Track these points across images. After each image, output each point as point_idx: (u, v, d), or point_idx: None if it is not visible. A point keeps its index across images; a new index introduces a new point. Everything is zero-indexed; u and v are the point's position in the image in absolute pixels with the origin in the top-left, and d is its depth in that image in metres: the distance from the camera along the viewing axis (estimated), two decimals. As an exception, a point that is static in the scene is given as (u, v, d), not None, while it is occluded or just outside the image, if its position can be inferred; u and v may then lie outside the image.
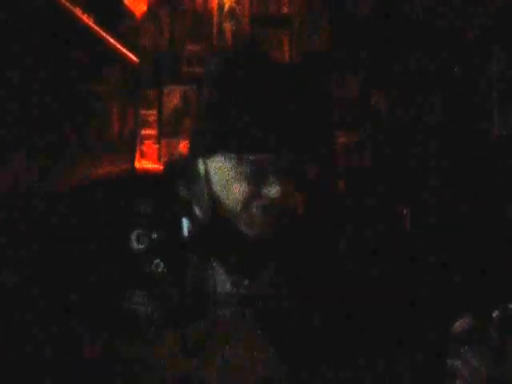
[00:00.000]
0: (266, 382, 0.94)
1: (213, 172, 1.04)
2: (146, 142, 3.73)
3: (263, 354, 0.96)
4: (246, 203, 1.01)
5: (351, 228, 1.25)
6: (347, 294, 1.09)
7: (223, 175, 1.02)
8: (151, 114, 3.74)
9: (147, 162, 3.70)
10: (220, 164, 1.02)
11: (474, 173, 3.18)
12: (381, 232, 2.94)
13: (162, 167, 1.20)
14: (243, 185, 1.00)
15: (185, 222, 1.06)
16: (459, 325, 0.94)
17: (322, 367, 0.94)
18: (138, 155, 3.70)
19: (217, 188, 1.04)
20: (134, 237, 1.03)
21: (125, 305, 1.02)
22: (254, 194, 1.00)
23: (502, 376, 0.90)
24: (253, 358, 0.95)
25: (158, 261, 1.02)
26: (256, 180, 0.99)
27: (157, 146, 3.72)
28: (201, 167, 1.06)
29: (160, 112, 3.74)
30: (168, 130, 3.73)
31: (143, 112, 3.73)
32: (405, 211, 3.24)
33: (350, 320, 1.06)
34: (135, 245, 1.03)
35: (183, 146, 3.60)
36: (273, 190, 0.98)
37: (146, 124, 3.73)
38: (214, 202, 1.05)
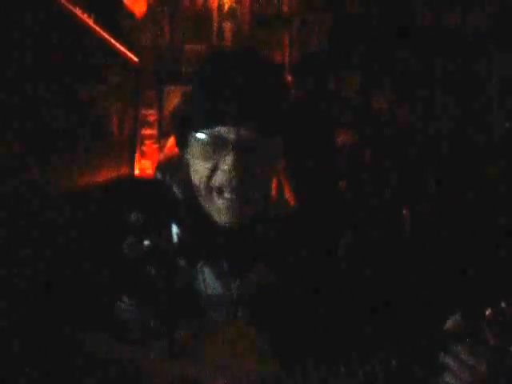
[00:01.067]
0: (258, 381, 0.94)
1: (190, 158, 1.08)
2: (146, 142, 3.74)
3: (255, 354, 0.96)
4: (208, 181, 1.04)
5: (343, 226, 1.26)
6: (337, 291, 1.10)
7: (195, 158, 1.06)
8: (151, 114, 3.75)
9: (147, 162, 3.70)
10: (193, 147, 1.06)
11: (475, 172, 3.18)
12: (377, 231, 2.95)
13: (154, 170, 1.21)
14: (205, 161, 1.04)
15: (175, 226, 1.07)
16: (451, 322, 0.95)
17: (316, 364, 0.94)
18: (138, 155, 3.70)
19: (192, 172, 1.07)
20: (125, 243, 1.04)
21: (116, 309, 1.03)
22: (213, 170, 1.04)
23: (498, 373, 0.90)
24: (244, 358, 0.95)
25: (149, 266, 1.03)
26: (214, 155, 1.03)
27: (157, 145, 3.73)
28: (185, 158, 1.10)
29: (160, 112, 3.75)
30: (168, 130, 3.73)
31: (143, 112, 3.74)
32: (404, 211, 3.24)
33: (340, 317, 1.06)
34: (127, 251, 1.03)
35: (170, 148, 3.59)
36: (226, 162, 1.01)
37: (145, 124, 3.74)
38: (193, 189, 1.07)
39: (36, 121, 2.19)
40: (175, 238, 1.08)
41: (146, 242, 1.04)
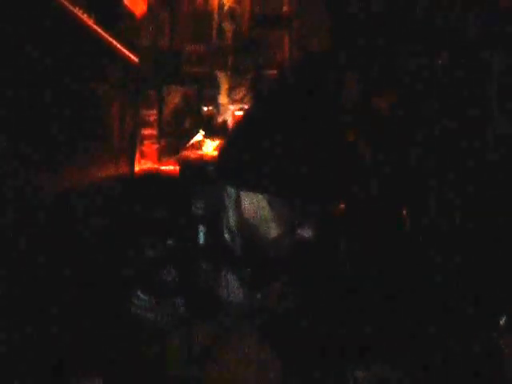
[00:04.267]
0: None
1: (246, 202, 1.05)
2: (146, 142, 3.74)
3: (270, 364, 0.95)
4: (279, 238, 1.03)
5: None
6: (354, 308, 1.09)
7: (258, 208, 1.03)
8: (151, 114, 3.75)
9: (147, 162, 3.70)
10: (256, 198, 1.03)
11: (475, 172, 3.18)
12: (382, 236, 2.94)
13: (169, 169, 1.19)
14: (279, 222, 1.02)
15: (201, 231, 1.06)
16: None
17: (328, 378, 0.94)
18: (138, 155, 3.71)
19: (249, 216, 1.05)
20: (148, 241, 1.03)
21: (132, 308, 1.02)
22: (287, 232, 1.02)
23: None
24: (258, 367, 0.95)
25: (170, 268, 1.02)
26: (291, 219, 1.02)
27: (157, 145, 3.74)
28: (232, 191, 1.06)
29: (160, 112, 3.76)
30: (168, 130, 3.74)
31: (143, 112, 3.74)
32: (404, 212, 3.24)
33: (358, 335, 1.05)
34: (149, 249, 1.03)
35: (185, 147, 3.61)
36: (308, 232, 1.00)
37: (145, 124, 3.75)
38: (243, 228, 1.05)
39: (36, 121, 2.19)
40: (201, 241, 1.07)
41: (169, 242, 1.04)
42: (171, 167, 3.41)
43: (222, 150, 1.09)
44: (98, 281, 1.03)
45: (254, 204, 1.03)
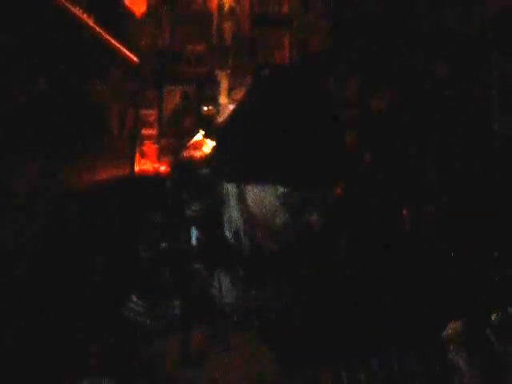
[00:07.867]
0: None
1: (251, 195, 1.04)
2: (146, 142, 3.75)
3: (265, 365, 0.95)
4: (286, 229, 1.02)
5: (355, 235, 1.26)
6: (345, 297, 1.09)
7: (264, 202, 1.02)
8: (151, 114, 3.75)
9: (147, 162, 3.70)
10: (261, 192, 1.02)
11: (474, 172, 3.18)
12: (382, 234, 2.94)
13: (167, 170, 1.19)
14: (288, 213, 1.01)
15: (194, 232, 1.06)
16: (451, 327, 0.94)
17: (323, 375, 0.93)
18: (138, 155, 3.70)
19: (254, 211, 1.04)
20: (142, 244, 1.03)
21: (127, 312, 1.02)
22: (294, 217, 1.02)
23: (499, 377, 0.89)
24: (254, 369, 0.94)
25: (164, 268, 1.02)
26: (300, 210, 1.02)
27: (157, 146, 3.74)
28: (233, 188, 1.05)
29: (160, 112, 3.76)
30: (168, 130, 3.74)
31: (143, 112, 3.74)
32: (405, 211, 3.24)
33: (354, 333, 1.05)
34: (143, 252, 1.03)
35: (185, 147, 3.61)
36: (314, 217, 1.00)
37: (145, 124, 3.75)
38: (249, 220, 1.04)
39: (36, 121, 2.19)
40: (194, 241, 1.07)
41: (163, 244, 1.04)
42: (170, 168, 3.41)
43: (218, 149, 1.07)
44: (94, 283, 1.03)
45: (259, 195, 1.02)
